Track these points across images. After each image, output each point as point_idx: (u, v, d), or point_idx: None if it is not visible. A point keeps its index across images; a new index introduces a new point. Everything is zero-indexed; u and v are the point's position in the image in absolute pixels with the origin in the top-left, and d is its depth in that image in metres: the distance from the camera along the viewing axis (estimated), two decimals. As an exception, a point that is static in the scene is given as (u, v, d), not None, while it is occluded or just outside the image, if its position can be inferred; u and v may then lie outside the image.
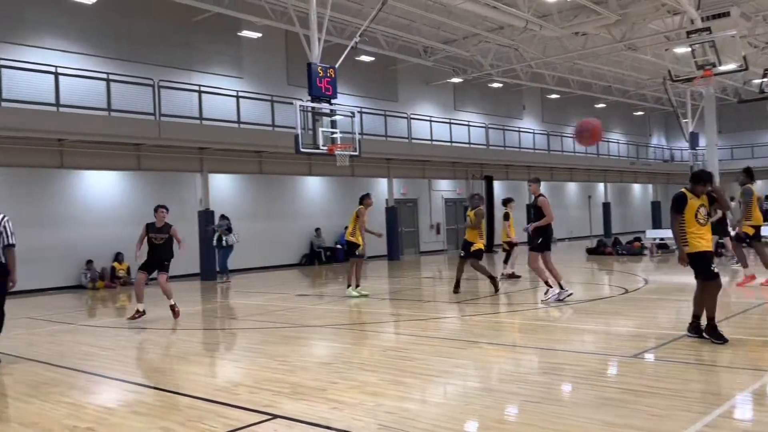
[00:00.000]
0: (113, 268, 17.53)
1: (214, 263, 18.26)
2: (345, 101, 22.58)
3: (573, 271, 16.30)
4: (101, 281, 17.11)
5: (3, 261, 7.49)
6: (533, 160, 29.87)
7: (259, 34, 20.76)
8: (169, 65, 19.26)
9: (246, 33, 20.66)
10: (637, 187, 42.15)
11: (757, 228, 11.41)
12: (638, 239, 22.37)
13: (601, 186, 36.84)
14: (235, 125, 18.64)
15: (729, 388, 5.46)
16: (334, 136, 14.65)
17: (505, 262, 15.05)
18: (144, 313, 10.38)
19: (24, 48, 16.54)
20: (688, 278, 8.00)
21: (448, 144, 25.61)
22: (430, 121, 25.18)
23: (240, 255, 20.86)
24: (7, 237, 7.50)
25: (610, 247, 21.89)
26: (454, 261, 16.46)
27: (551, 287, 10.76)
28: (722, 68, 16.94)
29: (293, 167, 21.06)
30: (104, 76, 16.24)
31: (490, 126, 28.43)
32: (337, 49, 18.93)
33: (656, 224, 37.33)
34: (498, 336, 8.01)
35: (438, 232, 28.18)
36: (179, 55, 19.72)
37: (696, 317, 7.08)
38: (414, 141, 24.15)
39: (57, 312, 12.36)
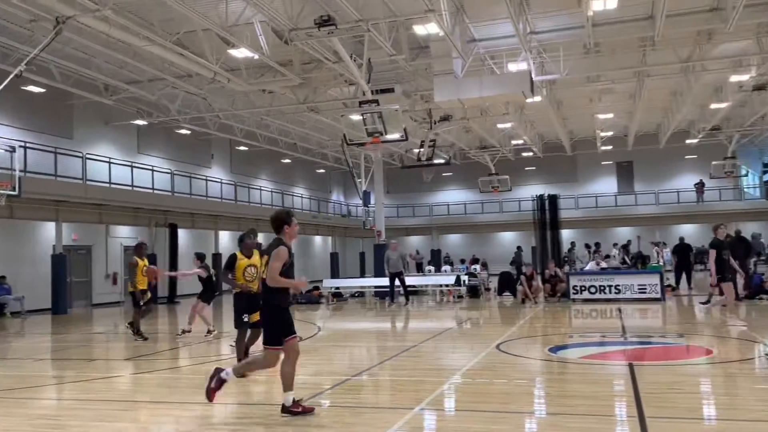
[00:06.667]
0: None
1: None
2: (6, 134, 20.08)
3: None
4: None
5: None
6: (220, 209, 29.88)
7: None
8: None
9: None
10: (318, 239, 44.79)
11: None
12: (317, 288, 23.66)
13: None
14: None
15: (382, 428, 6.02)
16: (-11, 172, 12.84)
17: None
18: None
19: None
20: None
21: (130, 188, 24.26)
22: (109, 162, 23.62)
23: None
24: None
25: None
26: (131, 313, 15.41)
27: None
28: (388, 137, 19.01)
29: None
30: None
31: (176, 172, 27.73)
32: (0, 75, 16.81)
33: (334, 274, 39.93)
34: (170, 394, 7.66)
35: (114, 282, 26.19)
36: None
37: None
38: (90, 183, 22.34)
39: None
